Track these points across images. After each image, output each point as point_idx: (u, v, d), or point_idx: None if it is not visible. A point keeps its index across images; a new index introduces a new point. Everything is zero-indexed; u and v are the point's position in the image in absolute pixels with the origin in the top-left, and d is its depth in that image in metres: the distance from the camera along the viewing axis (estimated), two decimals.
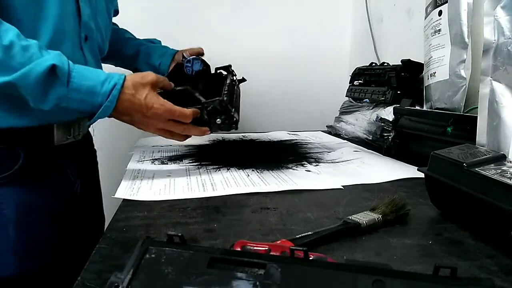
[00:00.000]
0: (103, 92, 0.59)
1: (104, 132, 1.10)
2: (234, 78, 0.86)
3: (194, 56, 0.89)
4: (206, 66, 0.90)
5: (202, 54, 0.93)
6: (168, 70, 0.92)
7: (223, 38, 1.31)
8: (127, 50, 0.95)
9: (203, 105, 0.69)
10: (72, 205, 0.70)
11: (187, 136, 0.71)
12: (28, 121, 0.61)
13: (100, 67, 0.76)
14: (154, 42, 0.99)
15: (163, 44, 1.00)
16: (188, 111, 0.66)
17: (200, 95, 0.74)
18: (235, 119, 0.71)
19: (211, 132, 0.71)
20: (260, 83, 1.37)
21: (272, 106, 1.41)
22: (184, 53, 0.91)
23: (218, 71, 0.89)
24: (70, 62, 0.57)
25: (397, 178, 0.69)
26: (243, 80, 0.89)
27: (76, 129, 0.70)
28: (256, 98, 1.35)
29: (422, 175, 0.52)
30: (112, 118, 0.65)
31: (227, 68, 0.88)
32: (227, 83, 0.77)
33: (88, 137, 0.85)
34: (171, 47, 0.97)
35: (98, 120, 0.61)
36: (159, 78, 0.66)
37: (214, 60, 0.91)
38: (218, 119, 0.69)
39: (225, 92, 0.71)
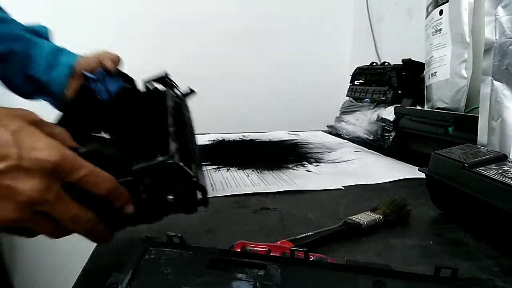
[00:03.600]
0: None
1: None
2: (177, 93, 0.55)
3: (100, 70, 0.53)
4: (129, 81, 0.56)
5: (117, 63, 0.56)
6: (66, 96, 0.54)
7: (220, 38, 1.32)
8: None
9: (135, 175, 0.34)
10: None
11: (67, 232, 0.33)
12: None
13: None
14: (39, 34, 0.58)
15: (59, 40, 0.60)
16: (110, 177, 0.33)
17: (126, 151, 0.37)
18: (202, 189, 0.36)
19: (151, 222, 0.39)
20: (260, 82, 1.37)
21: (272, 106, 1.41)
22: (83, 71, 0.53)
23: (149, 87, 0.55)
24: None
25: (398, 179, 0.68)
26: (192, 92, 0.57)
27: None
28: (256, 97, 1.35)
29: (423, 175, 0.52)
30: None
31: (163, 79, 0.54)
32: (170, 110, 0.45)
33: None
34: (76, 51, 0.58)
35: None
36: (44, 122, 0.34)
37: (215, 61, 0.77)
38: (170, 196, 0.35)
39: (172, 133, 0.39)
